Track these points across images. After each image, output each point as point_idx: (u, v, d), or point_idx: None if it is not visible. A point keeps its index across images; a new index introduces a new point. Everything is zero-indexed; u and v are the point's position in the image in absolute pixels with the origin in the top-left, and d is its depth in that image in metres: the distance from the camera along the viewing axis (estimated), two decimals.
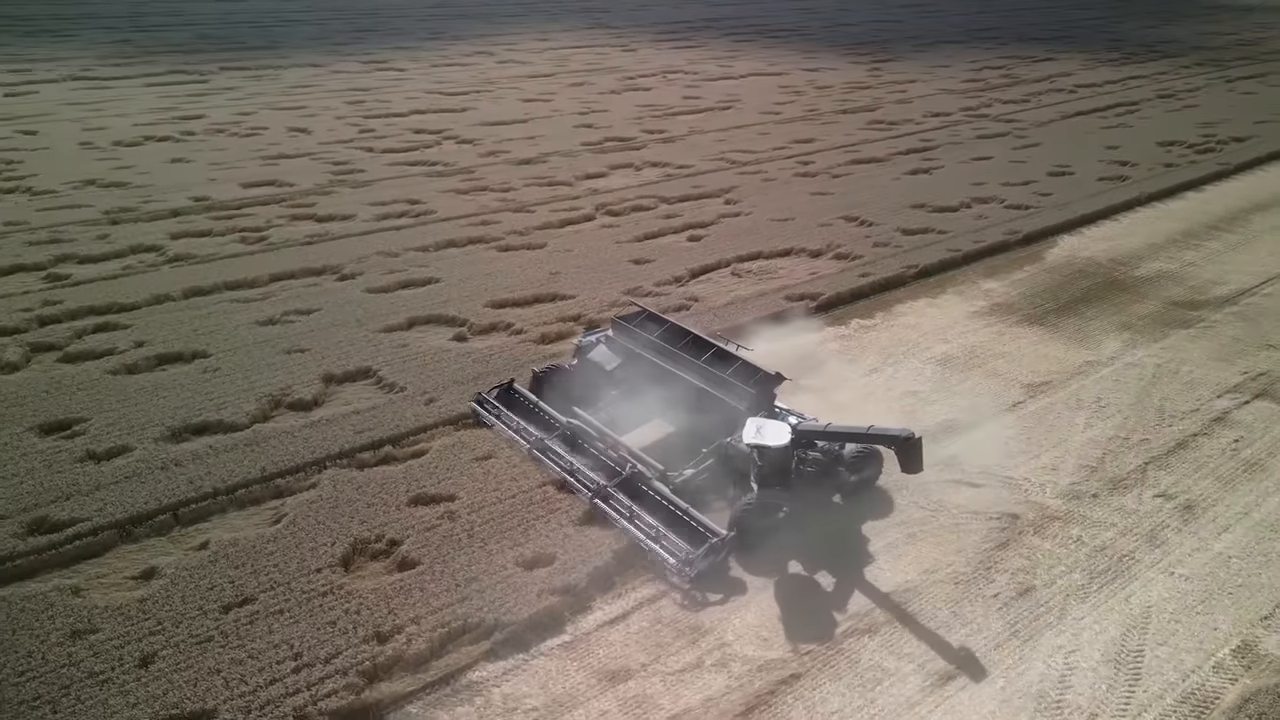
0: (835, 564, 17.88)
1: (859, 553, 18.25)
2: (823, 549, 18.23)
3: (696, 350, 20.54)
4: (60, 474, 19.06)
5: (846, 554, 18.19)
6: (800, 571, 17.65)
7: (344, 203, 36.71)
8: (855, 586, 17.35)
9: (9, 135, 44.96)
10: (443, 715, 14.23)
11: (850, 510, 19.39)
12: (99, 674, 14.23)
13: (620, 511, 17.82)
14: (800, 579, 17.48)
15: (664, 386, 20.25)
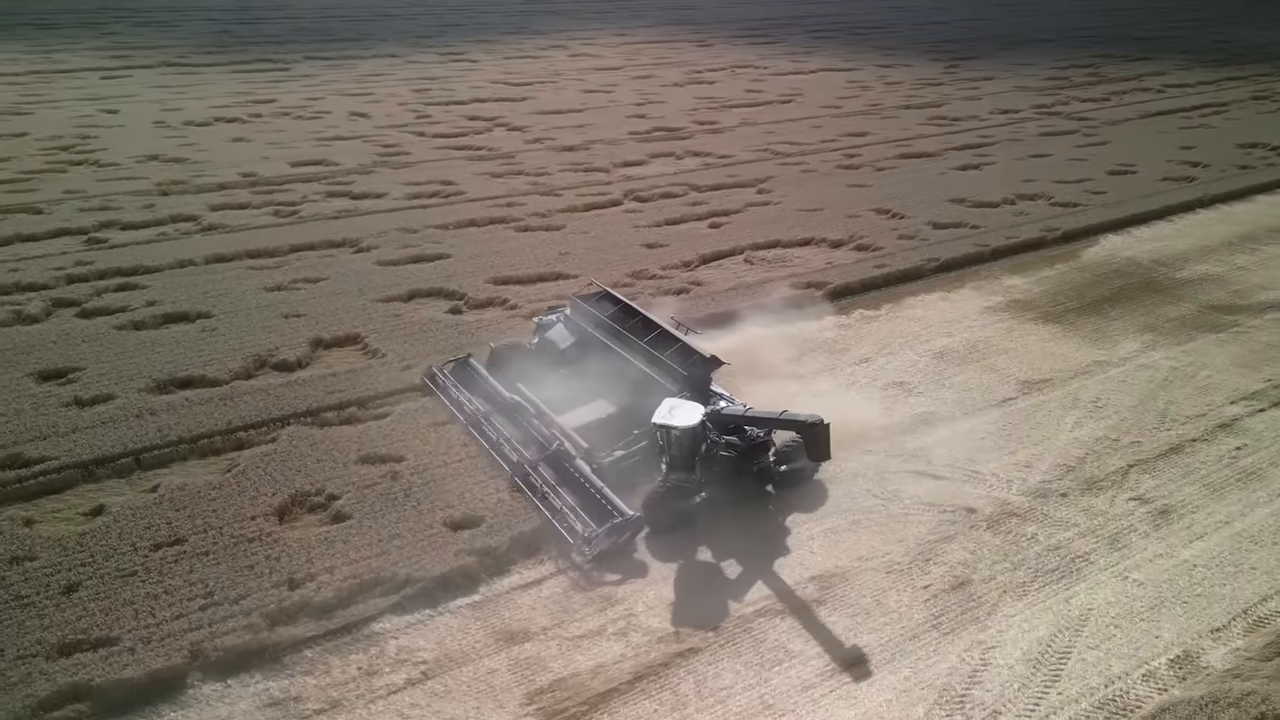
0: (766, 546, 17.51)
1: (794, 537, 17.82)
2: (757, 532, 17.88)
3: (643, 331, 20.45)
4: (44, 416, 20.27)
5: (780, 537, 17.79)
6: (728, 552, 17.33)
7: (381, 182, 37.79)
8: (780, 569, 16.95)
9: (92, 114, 47.84)
10: (334, 661, 14.57)
11: (797, 495, 18.97)
12: (24, 597, 15.11)
13: (536, 486, 17.91)
14: (726, 559, 17.17)
15: (609, 366, 20.26)
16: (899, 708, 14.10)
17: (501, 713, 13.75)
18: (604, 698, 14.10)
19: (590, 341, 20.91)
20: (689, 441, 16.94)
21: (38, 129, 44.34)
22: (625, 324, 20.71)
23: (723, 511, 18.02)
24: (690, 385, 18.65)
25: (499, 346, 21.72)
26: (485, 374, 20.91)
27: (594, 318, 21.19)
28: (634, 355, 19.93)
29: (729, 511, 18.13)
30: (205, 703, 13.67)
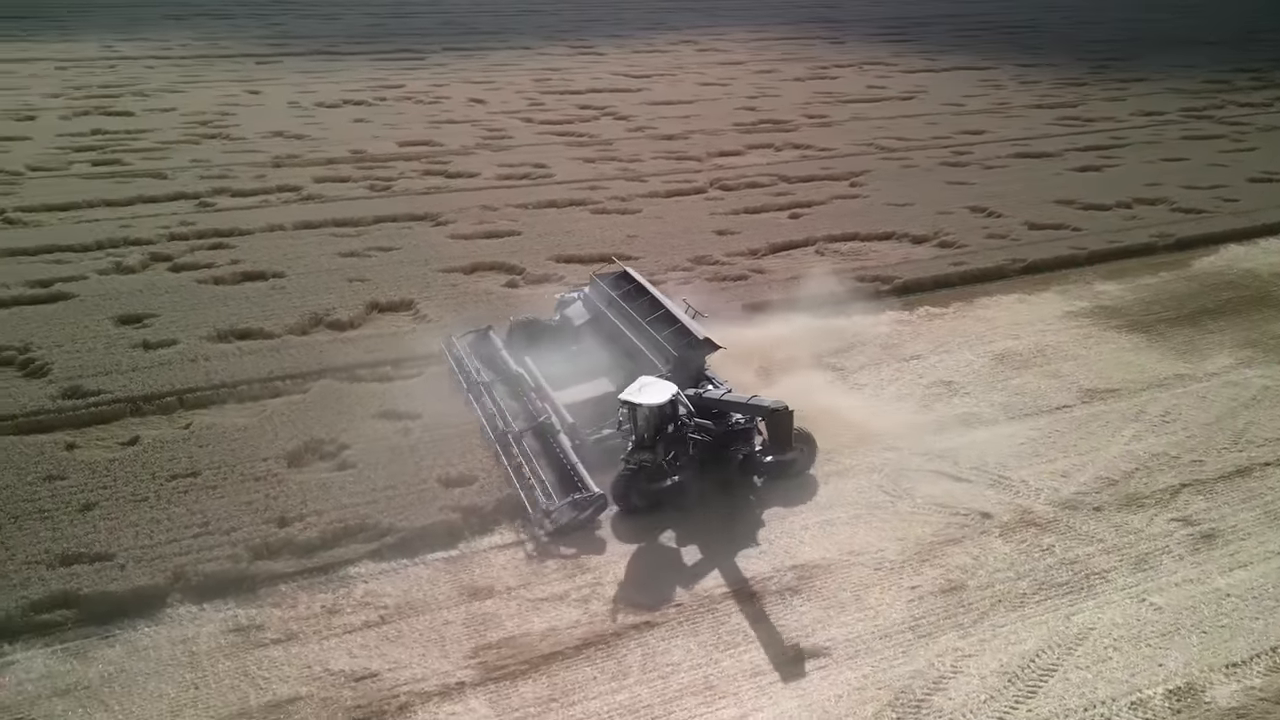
0: (752, 532, 17.00)
1: (786, 526, 17.22)
2: (747, 518, 17.38)
3: (648, 311, 20.28)
4: (111, 355, 22.01)
5: (771, 525, 17.23)
6: (711, 535, 16.90)
7: (477, 163, 38.94)
8: (762, 556, 16.42)
9: (237, 94, 51.43)
10: (303, 597, 15.16)
11: (798, 486, 18.32)
12: (45, 511, 16.48)
13: (514, 457, 18.03)
14: (709, 541, 16.77)
15: (614, 344, 20.28)
16: (847, 704, 13.42)
17: (443, 661, 13.95)
18: (547, 659, 14.08)
19: (602, 319, 20.92)
20: (654, 420, 16.69)
21: (185, 105, 48.05)
22: (633, 303, 20.60)
23: (714, 497, 17.67)
24: (681, 366, 18.33)
25: (518, 320, 22.06)
26: (499, 346, 21.27)
27: (608, 296, 21.17)
28: (636, 334, 19.79)
29: (721, 497, 17.76)
30: (177, 622, 14.50)
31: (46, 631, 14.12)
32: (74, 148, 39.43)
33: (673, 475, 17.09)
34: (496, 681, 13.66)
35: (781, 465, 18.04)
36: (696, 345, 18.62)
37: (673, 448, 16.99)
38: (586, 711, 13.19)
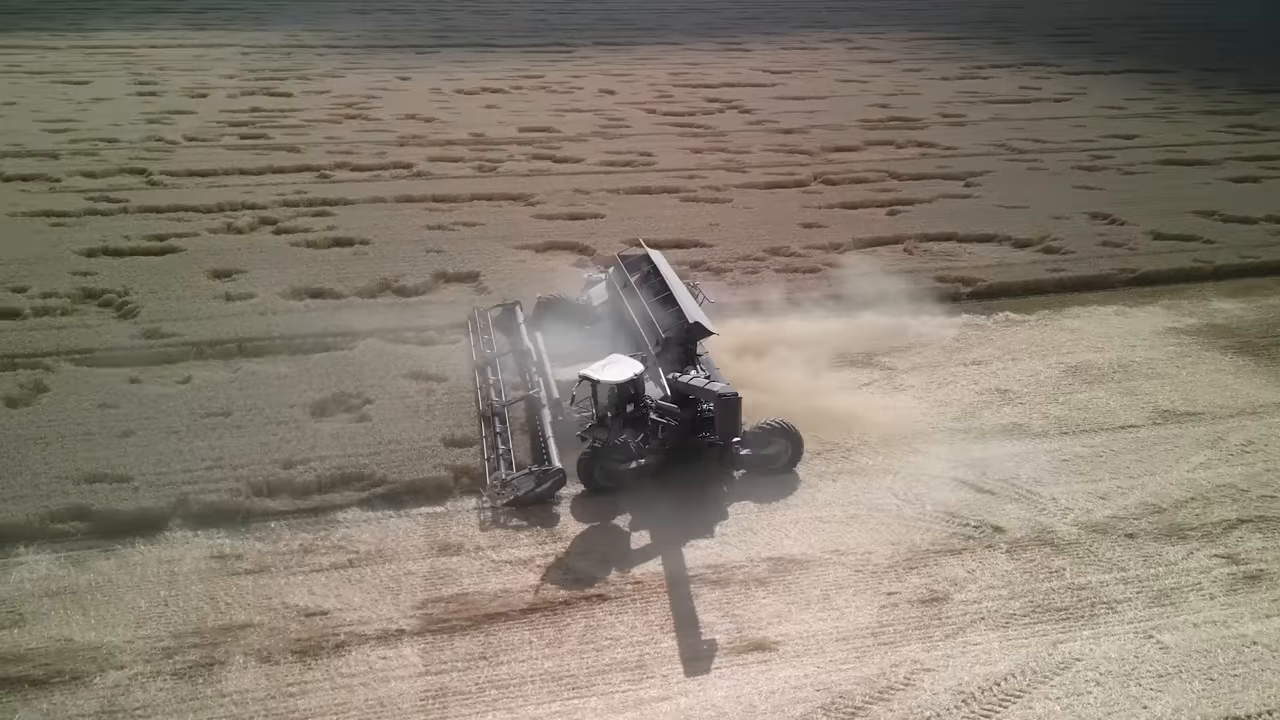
0: (739, 521, 16.46)
1: (776, 518, 16.56)
2: (739, 508, 16.81)
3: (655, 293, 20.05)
4: (194, 303, 23.86)
5: (760, 516, 16.61)
6: (696, 519, 16.46)
7: (586, 149, 39.49)
8: (740, 545, 15.86)
9: (389, 80, 54.29)
10: (285, 535, 15.91)
11: (804, 481, 17.56)
12: (90, 434, 18.08)
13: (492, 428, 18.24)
14: (691, 525, 16.30)
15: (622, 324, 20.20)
16: (776, 701, 12.78)
17: (392, 609, 14.31)
18: (490, 618, 14.17)
19: (616, 300, 20.86)
20: (614, 398, 16.51)
21: (339, 89, 51.23)
22: (644, 286, 20.40)
23: (709, 486, 17.28)
24: (670, 348, 18.05)
25: (545, 298, 22.34)
26: (519, 321, 21.60)
27: (624, 278, 21.10)
28: (638, 316, 19.61)
29: (715, 486, 17.32)
30: (169, 544, 15.58)
31: (57, 539, 15.50)
32: (230, 122, 42.83)
33: (639, 458, 16.77)
34: (435, 634, 13.88)
35: (759, 459, 17.39)
36: (688, 329, 18.22)
37: (635, 428, 16.72)
38: (510, 673, 13.19)
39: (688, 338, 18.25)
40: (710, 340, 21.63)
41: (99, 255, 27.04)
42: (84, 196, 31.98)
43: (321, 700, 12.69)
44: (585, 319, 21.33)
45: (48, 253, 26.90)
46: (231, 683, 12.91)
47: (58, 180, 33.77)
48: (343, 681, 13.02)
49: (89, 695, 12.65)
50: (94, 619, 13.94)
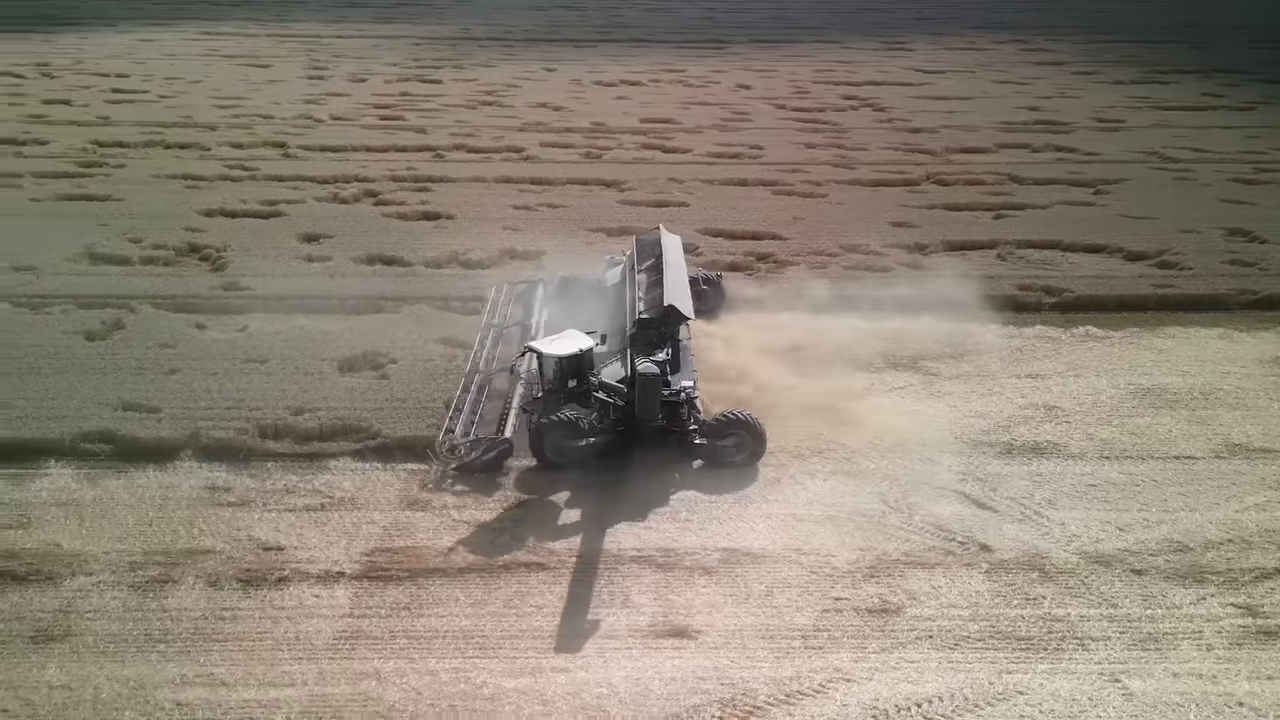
0: (706, 510, 15.95)
1: (749, 511, 15.95)
2: (713, 498, 16.27)
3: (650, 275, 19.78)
4: (276, 263, 25.61)
5: (730, 507, 16.03)
6: (667, 505, 16.06)
7: (698, 141, 39.25)
8: (699, 531, 15.39)
9: (535, 71, 55.97)
10: (275, 475, 16.83)
11: (793, 478, 16.78)
12: (143, 369, 19.82)
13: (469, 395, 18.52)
14: (659, 509, 15.95)
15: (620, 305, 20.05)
16: (674, 689, 12.35)
17: (341, 553, 14.86)
18: (428, 573, 14.46)
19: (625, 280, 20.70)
20: (555, 372, 16.48)
21: (486, 78, 53.36)
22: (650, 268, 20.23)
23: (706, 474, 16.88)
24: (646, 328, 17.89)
25: (566, 277, 22.54)
26: (536, 297, 21.88)
27: (633, 261, 21.15)
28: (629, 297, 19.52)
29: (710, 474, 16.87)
30: (174, 471, 16.86)
31: (83, 457, 17.10)
32: (375, 105, 45.52)
33: (590, 436, 16.55)
34: (371, 580, 14.32)
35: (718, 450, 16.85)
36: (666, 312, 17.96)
37: (578, 405, 16.58)
38: (426, 626, 13.43)
39: (663, 320, 17.87)
40: (739, 333, 21.21)
41: (215, 215, 29.50)
42: (224, 164, 34.93)
43: (245, 627, 13.38)
44: (599, 297, 21.30)
45: (173, 210, 29.60)
46: (175, 600, 13.85)
47: (208, 149, 37.04)
48: (271, 612, 13.67)
49: (54, 595, 13.91)
50: (85, 530, 15.29)
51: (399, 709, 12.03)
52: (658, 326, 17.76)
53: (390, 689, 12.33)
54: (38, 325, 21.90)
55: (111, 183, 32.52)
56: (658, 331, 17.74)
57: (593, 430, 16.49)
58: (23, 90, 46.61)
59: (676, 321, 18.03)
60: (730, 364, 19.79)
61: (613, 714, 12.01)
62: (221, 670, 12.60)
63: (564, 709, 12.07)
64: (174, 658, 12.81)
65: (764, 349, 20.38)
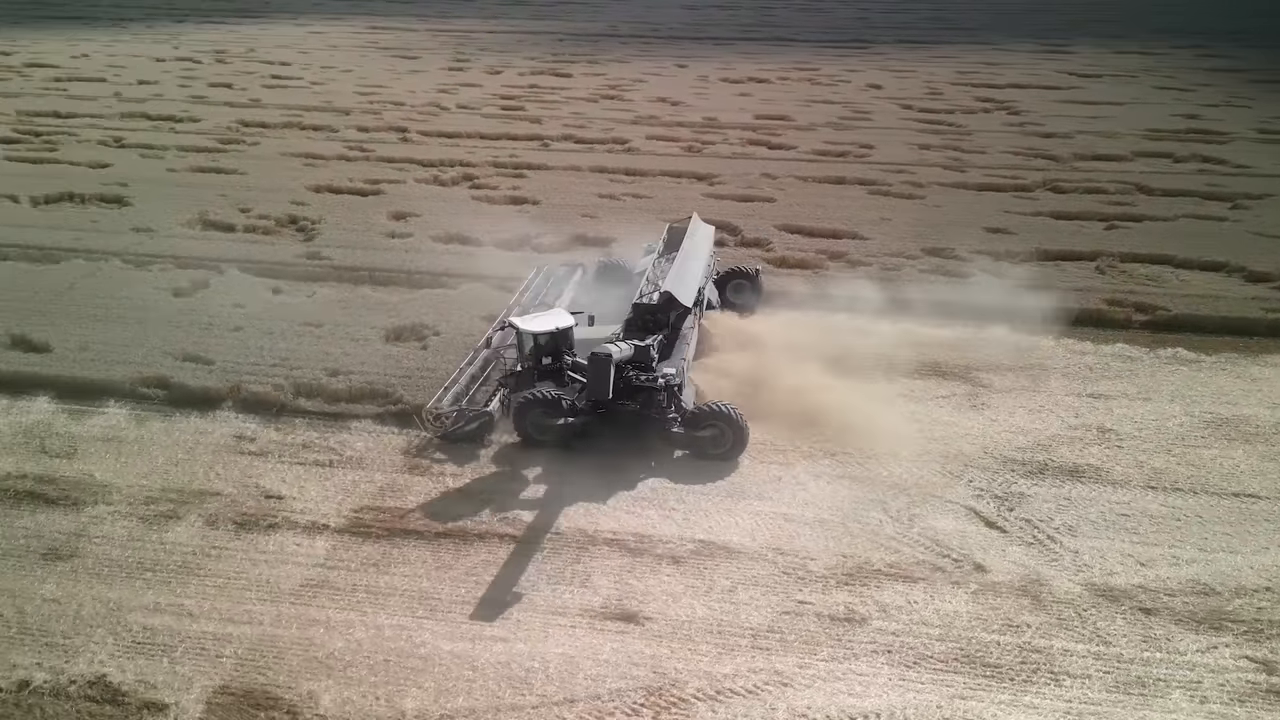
0: (693, 501, 15.60)
1: (733, 506, 15.50)
2: (704, 489, 15.90)
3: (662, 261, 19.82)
4: (363, 237, 26.92)
5: (717, 500, 15.63)
6: (658, 493, 15.80)
7: (807, 138, 38.33)
8: (683, 523, 15.07)
9: (665, 67, 56.20)
10: (299, 431, 17.69)
11: (795, 479, 16.15)
12: (210, 325, 21.33)
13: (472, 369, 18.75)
14: (650, 498, 15.70)
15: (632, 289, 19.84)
16: (603, 670, 12.20)
17: (332, 507, 15.49)
18: (405, 534, 14.87)
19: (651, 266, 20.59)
20: (529, 348, 16.54)
21: (614, 73, 53.99)
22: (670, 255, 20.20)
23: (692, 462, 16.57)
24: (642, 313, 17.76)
25: (604, 262, 22.85)
26: (571, 280, 22.11)
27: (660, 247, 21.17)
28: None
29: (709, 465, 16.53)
30: (211, 419, 18.06)
31: (138, 400, 18.58)
32: (502, 96, 46.99)
33: (569, 416, 16.50)
34: (350, 535, 14.85)
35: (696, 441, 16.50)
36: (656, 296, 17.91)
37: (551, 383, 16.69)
38: (387, 584, 13.81)
39: (658, 306, 17.59)
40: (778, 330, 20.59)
41: (322, 192, 31.28)
42: (345, 145, 36.98)
43: (226, 566, 14.18)
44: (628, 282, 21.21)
45: (285, 185, 31.60)
46: (173, 535, 14.84)
47: (336, 131, 39.32)
48: (254, 555, 14.42)
49: (73, 519, 15.18)
50: (119, 465, 16.60)
51: (336, 657, 12.44)
52: (653, 312, 17.53)
53: (335, 638, 12.76)
54: (136, 280, 23.95)
55: (242, 158, 35.08)
56: (653, 318, 17.50)
57: (572, 410, 16.46)
58: (195, 74, 50.92)
59: (672, 309, 17.73)
60: (760, 362, 19.16)
61: (535, 687, 11.98)
62: (191, 603, 13.41)
63: (490, 676, 12.13)
64: (155, 586, 13.74)
65: (800, 348, 19.63)
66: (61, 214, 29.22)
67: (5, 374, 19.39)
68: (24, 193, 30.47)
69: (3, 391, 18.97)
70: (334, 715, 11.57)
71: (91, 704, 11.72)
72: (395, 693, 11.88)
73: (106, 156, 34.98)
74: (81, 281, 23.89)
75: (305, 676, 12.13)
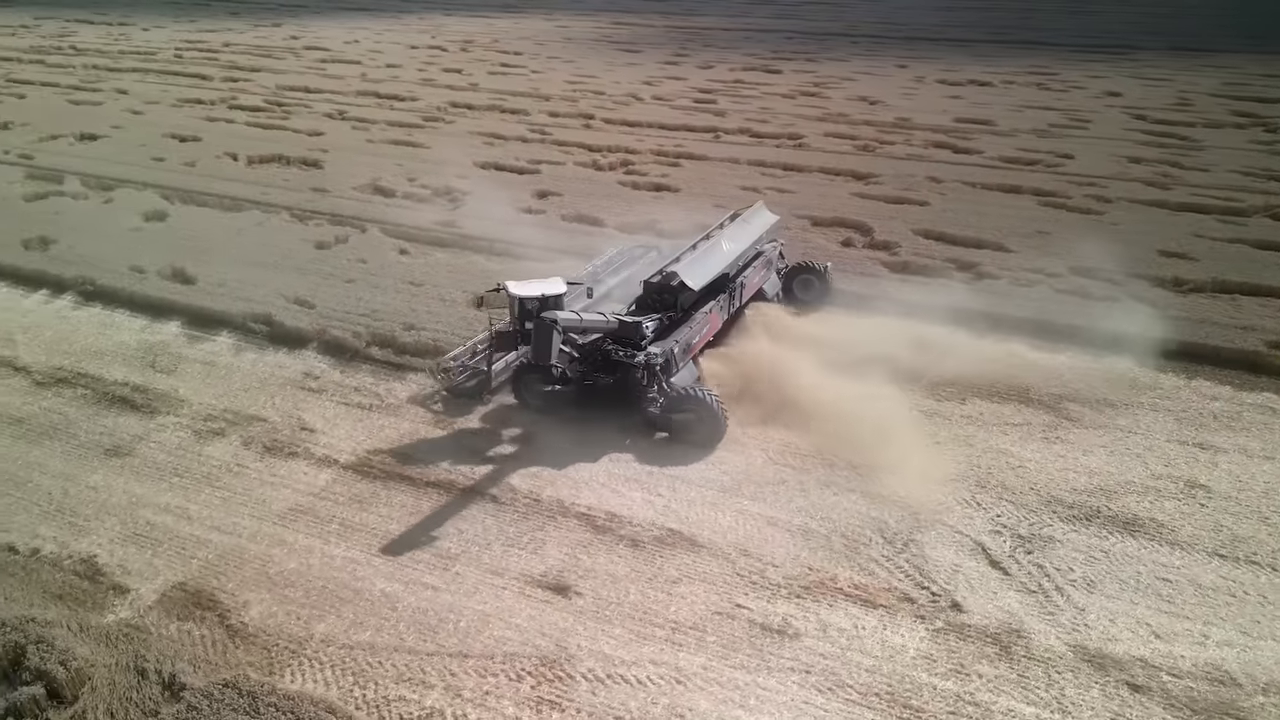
0: (679, 490, 15.08)
1: (719, 500, 14.83)
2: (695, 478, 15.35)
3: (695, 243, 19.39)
4: (501, 211, 27.99)
5: (702, 491, 15.02)
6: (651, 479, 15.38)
7: (1000, 144, 35.26)
8: (661, 511, 14.60)
9: (884, 67, 53.73)
10: (359, 375, 18.96)
11: (801, 486, 15.14)
12: (330, 275, 23.31)
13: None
14: (640, 480, 15.34)
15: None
16: (510, 633, 12.18)
17: (347, 445, 16.50)
18: (399, 479, 15.58)
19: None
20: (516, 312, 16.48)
21: (826, 71, 52.55)
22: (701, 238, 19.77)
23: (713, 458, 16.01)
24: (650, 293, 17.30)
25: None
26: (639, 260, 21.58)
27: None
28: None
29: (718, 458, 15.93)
30: (294, 356, 19.80)
31: (245, 332, 20.72)
32: (701, 90, 46.95)
33: (556, 384, 16.38)
34: (353, 473, 15.76)
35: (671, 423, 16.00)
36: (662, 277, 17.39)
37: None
38: (360, 520, 14.55)
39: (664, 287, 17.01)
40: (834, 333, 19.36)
41: (487, 168, 33.07)
42: (529, 128, 38.80)
43: (239, 482, 15.56)
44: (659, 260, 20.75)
45: (458, 159, 33.65)
46: (211, 449, 16.46)
47: (528, 114, 41.36)
48: (266, 478, 15.69)
49: (143, 425, 17.27)
50: (201, 385, 18.62)
51: (283, 576, 13.32)
52: (659, 293, 16.98)
53: (291, 559, 13.64)
54: (292, 232, 26.62)
55: (433, 134, 37.80)
56: (659, 298, 16.96)
57: (562, 379, 16.37)
58: (435, 61, 55.37)
59: (680, 291, 17.09)
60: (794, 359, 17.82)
61: (440, 636, 12.19)
62: (195, 508, 14.85)
63: (404, 619, 12.49)
64: (175, 489, 15.34)
65: (859, 353, 18.25)
66: (265, 172, 32.98)
67: (155, 299, 22.30)
68: (244, 152, 34.72)
69: (148, 313, 21.86)
70: (254, 625, 12.42)
71: (75, 577, 13.33)
72: (315, 616, 12.54)
73: (324, 126, 39.03)
74: (249, 229, 26.95)
75: (250, 587, 13.10)
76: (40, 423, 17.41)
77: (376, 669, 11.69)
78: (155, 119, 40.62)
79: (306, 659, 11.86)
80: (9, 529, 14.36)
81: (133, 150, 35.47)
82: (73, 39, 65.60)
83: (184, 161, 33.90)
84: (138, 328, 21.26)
